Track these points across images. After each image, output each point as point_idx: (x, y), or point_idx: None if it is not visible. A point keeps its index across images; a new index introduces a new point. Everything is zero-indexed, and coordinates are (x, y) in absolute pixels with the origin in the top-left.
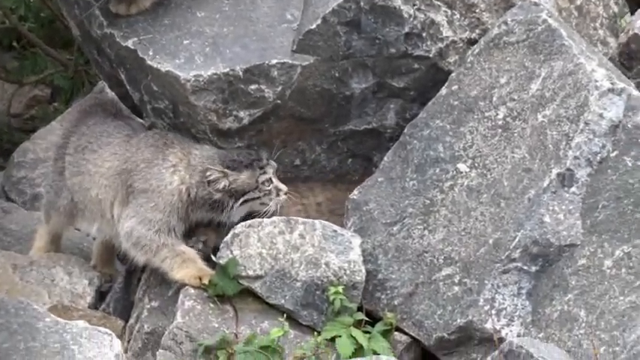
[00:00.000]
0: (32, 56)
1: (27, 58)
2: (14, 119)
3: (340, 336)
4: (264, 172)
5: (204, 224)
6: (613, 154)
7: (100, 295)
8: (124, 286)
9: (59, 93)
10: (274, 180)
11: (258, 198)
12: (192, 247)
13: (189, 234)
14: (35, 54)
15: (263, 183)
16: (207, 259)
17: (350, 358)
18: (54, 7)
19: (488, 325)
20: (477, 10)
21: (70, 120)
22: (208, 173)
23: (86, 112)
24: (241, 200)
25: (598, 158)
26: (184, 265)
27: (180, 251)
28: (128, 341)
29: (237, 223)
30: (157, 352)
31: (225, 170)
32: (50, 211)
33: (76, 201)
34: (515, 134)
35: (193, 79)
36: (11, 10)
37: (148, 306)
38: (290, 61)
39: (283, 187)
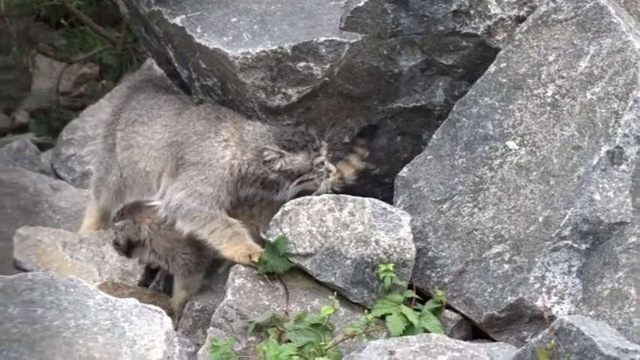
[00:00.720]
0: (81, 34)
1: (75, 35)
2: (63, 97)
3: (391, 314)
4: (319, 155)
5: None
6: None
7: (151, 273)
8: None
9: (107, 71)
10: (326, 162)
11: (312, 179)
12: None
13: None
14: (84, 32)
15: (317, 165)
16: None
17: (400, 335)
18: None
19: (539, 303)
20: None
21: (120, 96)
22: (265, 153)
23: (136, 88)
24: (297, 181)
25: None
26: (233, 240)
27: (230, 223)
28: (179, 319)
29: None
30: (208, 330)
31: (282, 151)
32: (100, 188)
33: (125, 176)
34: (564, 112)
35: (241, 56)
36: None
37: None
38: (338, 39)
39: (333, 169)
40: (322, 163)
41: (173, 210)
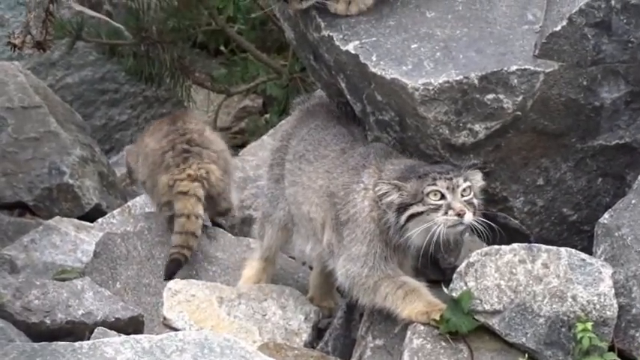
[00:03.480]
0: (242, 62)
1: (236, 64)
2: (221, 133)
3: None
4: (433, 184)
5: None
6: None
7: (318, 332)
8: (344, 321)
9: (272, 103)
10: (448, 196)
11: (422, 213)
12: None
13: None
14: (245, 60)
15: (428, 195)
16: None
17: None
18: (266, 7)
19: None
20: None
21: (291, 121)
22: (377, 188)
23: (309, 113)
24: (406, 215)
25: None
26: (408, 299)
27: (400, 283)
28: None
29: (417, 248)
30: None
31: (394, 182)
32: (265, 225)
33: (293, 214)
34: None
35: (422, 87)
36: (218, 11)
37: (372, 344)
38: (532, 68)
39: (457, 207)
40: (438, 194)
41: (343, 280)
